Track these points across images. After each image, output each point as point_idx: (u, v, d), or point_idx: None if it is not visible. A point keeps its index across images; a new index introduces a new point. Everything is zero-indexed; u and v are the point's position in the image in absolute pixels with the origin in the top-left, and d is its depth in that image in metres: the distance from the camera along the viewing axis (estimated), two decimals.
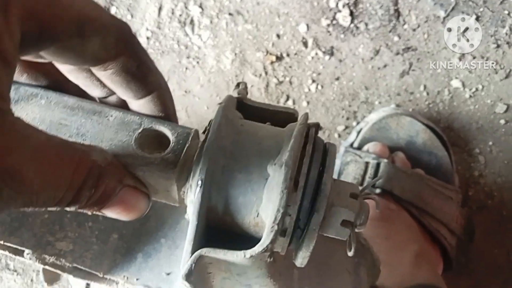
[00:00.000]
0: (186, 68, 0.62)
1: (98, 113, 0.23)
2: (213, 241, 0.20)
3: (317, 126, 0.22)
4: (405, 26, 0.63)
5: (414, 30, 0.62)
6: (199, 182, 0.20)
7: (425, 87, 0.62)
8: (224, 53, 0.62)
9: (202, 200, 0.20)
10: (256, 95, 0.62)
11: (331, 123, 0.62)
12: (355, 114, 0.62)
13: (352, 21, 0.63)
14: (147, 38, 0.62)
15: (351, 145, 0.58)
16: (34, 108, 0.23)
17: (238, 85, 0.23)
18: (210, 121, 0.22)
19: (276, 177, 0.20)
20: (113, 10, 0.63)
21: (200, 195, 0.20)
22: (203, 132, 0.22)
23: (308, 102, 0.62)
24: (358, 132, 0.59)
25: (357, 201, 0.21)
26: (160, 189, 0.22)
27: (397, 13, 0.63)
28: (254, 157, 0.21)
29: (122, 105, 0.24)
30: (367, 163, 0.53)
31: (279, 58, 0.62)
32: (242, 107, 0.23)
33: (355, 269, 0.31)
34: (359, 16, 0.63)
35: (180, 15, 0.63)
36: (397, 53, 0.62)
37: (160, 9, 0.63)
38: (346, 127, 0.62)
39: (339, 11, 0.63)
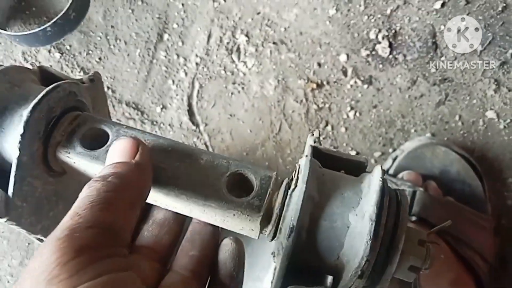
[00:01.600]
0: (232, 93, 0.66)
1: (190, 156, 0.27)
2: (292, 275, 0.24)
3: (384, 173, 0.25)
4: (442, 58, 0.65)
5: (451, 62, 0.65)
6: (291, 228, 0.23)
7: (460, 117, 0.64)
8: (267, 79, 0.66)
9: (292, 244, 0.23)
10: (297, 120, 0.65)
11: (368, 149, 0.64)
12: (392, 141, 0.65)
13: (391, 52, 0.66)
14: (196, 64, 0.67)
15: (387, 171, 0.61)
16: None
17: (313, 133, 0.27)
18: (296, 167, 0.26)
19: (358, 227, 0.23)
20: (165, 37, 0.67)
21: (291, 239, 0.23)
22: (290, 180, 0.26)
23: (346, 128, 0.65)
24: (394, 160, 0.62)
25: (424, 248, 0.24)
26: (245, 228, 0.25)
27: (435, 45, 0.65)
28: (337, 206, 0.24)
29: None
30: (403, 191, 0.55)
31: (320, 86, 0.66)
32: (316, 153, 0.27)
33: None
34: (398, 48, 0.66)
35: (228, 43, 0.67)
36: (434, 84, 0.65)
37: (209, 37, 0.67)
38: (382, 153, 0.64)
39: (379, 42, 0.66)
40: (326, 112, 0.65)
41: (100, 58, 0.66)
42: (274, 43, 0.67)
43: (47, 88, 0.27)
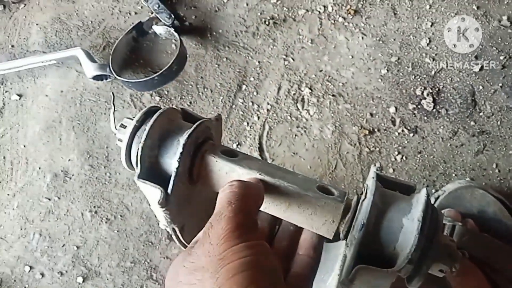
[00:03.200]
0: (295, 135, 0.79)
1: (291, 173, 0.39)
2: (360, 260, 0.34)
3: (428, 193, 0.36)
4: (481, 114, 0.75)
5: (488, 117, 0.75)
6: (362, 224, 0.34)
7: (497, 165, 0.73)
8: (326, 125, 0.79)
9: (363, 236, 0.34)
10: (351, 160, 0.77)
11: None
12: (434, 183, 0.74)
13: (434, 107, 0.76)
14: (267, 110, 0.81)
15: None
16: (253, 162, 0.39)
17: (375, 164, 0.38)
18: (365, 186, 0.37)
19: (409, 227, 0.34)
20: (243, 87, 0.82)
21: (362, 232, 0.34)
22: (360, 194, 0.37)
23: (393, 170, 0.75)
24: (436, 199, 0.71)
25: (452, 258, 0.34)
26: (328, 220, 0.37)
27: (474, 102, 0.76)
28: (394, 212, 0.35)
29: None
30: (444, 225, 0.64)
31: (371, 132, 0.77)
32: (379, 178, 0.38)
33: None
34: (441, 103, 0.77)
35: (294, 94, 0.81)
36: (473, 135, 0.75)
37: (279, 88, 0.81)
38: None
39: (424, 98, 0.77)
40: (376, 155, 0.76)
41: (190, 102, 0.82)
42: (333, 95, 0.80)
43: (196, 124, 0.40)
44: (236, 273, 0.27)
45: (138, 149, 0.40)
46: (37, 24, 0.90)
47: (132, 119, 0.42)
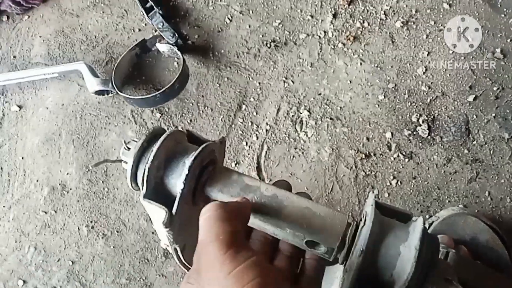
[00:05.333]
0: (293, 156, 0.80)
1: (279, 226, 0.39)
2: (359, 285, 0.35)
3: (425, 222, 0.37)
4: (474, 142, 0.77)
5: (481, 146, 0.77)
6: (361, 251, 0.35)
7: (489, 193, 0.75)
8: (323, 147, 0.80)
9: (362, 262, 0.35)
10: (347, 183, 0.78)
11: None
12: (428, 208, 0.75)
13: (429, 134, 0.78)
14: (266, 130, 0.82)
15: None
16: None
17: (373, 191, 0.40)
18: (364, 213, 0.38)
19: (406, 255, 0.35)
20: (243, 107, 0.83)
21: (361, 258, 0.35)
22: (359, 221, 0.38)
23: (388, 194, 0.77)
24: (430, 225, 0.72)
25: (448, 284, 0.35)
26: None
27: (468, 131, 0.78)
28: (392, 240, 0.36)
29: None
30: None
31: (368, 156, 0.79)
32: (377, 205, 0.39)
33: None
34: (436, 130, 0.79)
35: (293, 116, 0.82)
36: (466, 163, 0.77)
37: (278, 110, 0.83)
38: None
39: (420, 125, 0.79)
40: (372, 179, 0.78)
41: (191, 120, 0.83)
42: (331, 118, 0.81)
43: (202, 146, 0.41)
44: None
45: (144, 169, 0.40)
46: (40, 36, 0.91)
47: (136, 141, 0.43)
